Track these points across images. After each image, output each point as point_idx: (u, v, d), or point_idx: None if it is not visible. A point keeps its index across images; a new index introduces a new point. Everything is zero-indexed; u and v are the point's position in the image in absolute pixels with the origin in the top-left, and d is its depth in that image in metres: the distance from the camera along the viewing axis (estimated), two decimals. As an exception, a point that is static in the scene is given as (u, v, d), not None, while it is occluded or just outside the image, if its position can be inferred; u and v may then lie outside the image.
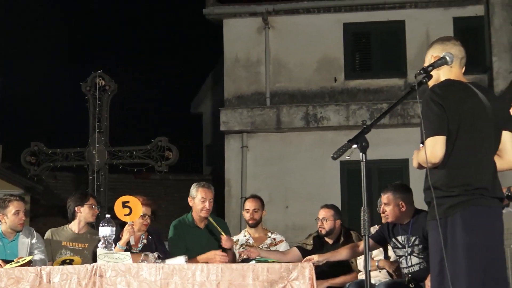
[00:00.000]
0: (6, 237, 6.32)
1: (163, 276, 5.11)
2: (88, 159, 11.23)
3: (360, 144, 3.86)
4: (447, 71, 4.09)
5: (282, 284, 5.08)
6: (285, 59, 15.08)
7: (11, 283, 5.15)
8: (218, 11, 15.36)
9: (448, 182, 3.86)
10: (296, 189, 14.09)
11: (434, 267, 3.90)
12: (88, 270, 5.16)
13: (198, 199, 6.47)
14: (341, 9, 15.03)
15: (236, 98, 15.09)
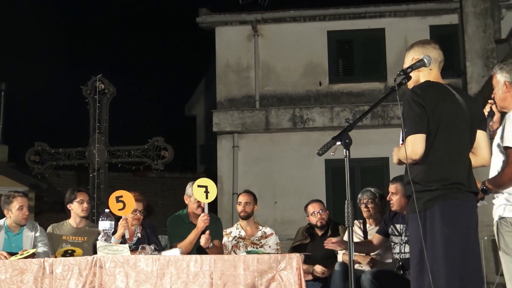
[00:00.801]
0: (11, 231, 6.29)
1: (159, 267, 5.08)
2: (89, 158, 11.21)
3: (343, 141, 3.85)
4: (426, 73, 4.08)
5: (271, 274, 5.05)
6: (273, 64, 15.11)
7: (16, 274, 5.12)
8: (210, 20, 15.38)
9: (427, 177, 3.86)
10: (284, 186, 14.12)
11: (414, 257, 3.89)
12: (88, 261, 5.12)
13: (194, 198, 6.42)
14: (325, 18, 15.10)
15: (228, 101, 15.10)
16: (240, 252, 6.46)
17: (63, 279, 5.09)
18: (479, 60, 14.04)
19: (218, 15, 15.41)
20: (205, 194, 5.89)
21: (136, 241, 6.18)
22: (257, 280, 5.03)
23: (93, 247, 6.11)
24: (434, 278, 3.67)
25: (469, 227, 3.87)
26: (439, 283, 3.70)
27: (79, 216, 6.78)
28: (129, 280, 5.05)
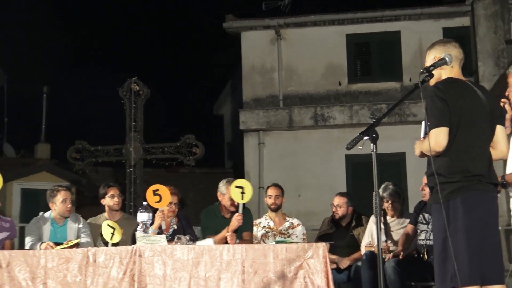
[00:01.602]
0: (56, 223, 6.31)
1: (194, 256, 5.09)
2: (126, 155, 11.26)
3: (371, 136, 3.79)
4: (448, 71, 4.02)
5: (299, 262, 5.04)
6: (296, 66, 15.06)
7: (62, 263, 5.15)
8: (236, 25, 15.36)
9: (449, 169, 3.81)
10: (307, 180, 14.08)
11: (438, 245, 3.85)
12: (128, 251, 5.14)
13: (228, 196, 6.38)
14: (344, 22, 15.01)
15: (253, 101, 15.09)
16: (269, 241, 6.44)
17: (105, 267, 5.11)
18: (490, 60, 13.87)
19: (243, 20, 15.39)
20: (241, 195, 5.86)
21: (172, 231, 6.18)
22: (285, 267, 5.01)
23: (132, 237, 6.12)
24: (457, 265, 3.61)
25: (489, 217, 3.82)
26: (462, 270, 3.65)
27: (112, 210, 6.79)
28: (167, 268, 5.07)
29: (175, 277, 5.04)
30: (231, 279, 5.01)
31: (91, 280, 5.09)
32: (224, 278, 5.02)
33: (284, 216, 6.87)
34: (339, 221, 6.89)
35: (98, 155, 11.54)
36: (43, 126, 18.85)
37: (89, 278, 5.10)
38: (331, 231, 6.84)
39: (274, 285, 4.99)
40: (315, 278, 4.98)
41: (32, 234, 6.14)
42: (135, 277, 5.04)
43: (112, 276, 5.07)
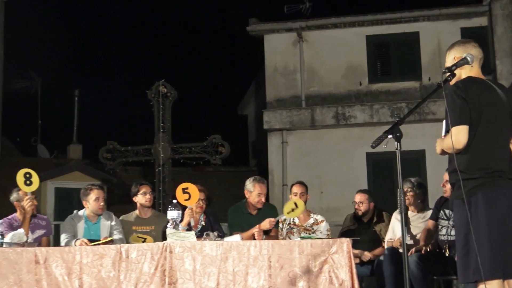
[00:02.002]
0: (90, 221, 6.34)
1: (222, 251, 5.10)
2: (155, 155, 11.35)
3: (395, 134, 3.77)
4: (468, 70, 3.99)
5: (324, 257, 5.03)
6: (317, 67, 15.03)
7: (96, 259, 5.19)
8: (259, 28, 15.37)
9: (470, 166, 3.78)
10: (329, 177, 14.04)
11: (460, 240, 3.82)
12: (159, 247, 5.17)
13: (255, 193, 6.41)
14: (364, 24, 14.94)
15: (276, 101, 15.09)
16: (294, 237, 6.44)
17: (137, 263, 5.14)
18: (508, 59, 13.75)
19: (266, 24, 15.40)
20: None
21: (200, 228, 6.21)
22: (311, 262, 5.01)
23: (162, 234, 6.15)
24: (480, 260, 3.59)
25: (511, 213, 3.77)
26: (485, 263, 3.62)
27: (144, 207, 6.80)
28: (196, 263, 5.08)
29: (204, 272, 5.06)
30: (258, 273, 5.02)
31: (124, 275, 5.12)
32: (252, 273, 5.03)
33: (309, 213, 6.86)
34: (361, 217, 6.88)
35: (128, 155, 11.64)
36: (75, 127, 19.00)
37: (122, 274, 5.13)
38: (354, 227, 6.84)
39: (299, 280, 4.99)
40: (339, 273, 4.98)
41: (67, 231, 6.20)
42: (166, 272, 5.06)
43: (144, 271, 5.10)
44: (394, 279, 5.76)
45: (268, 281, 4.99)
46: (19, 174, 5.79)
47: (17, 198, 6.28)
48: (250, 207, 6.47)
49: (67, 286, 5.13)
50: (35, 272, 5.15)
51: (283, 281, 4.99)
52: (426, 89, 14.49)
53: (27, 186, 5.82)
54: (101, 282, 5.12)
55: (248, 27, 15.37)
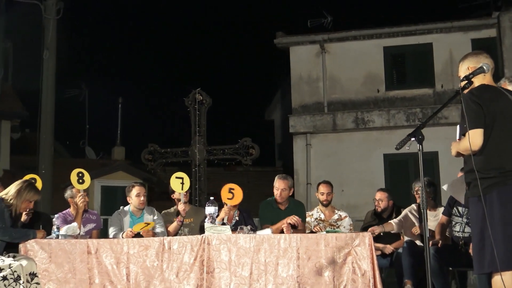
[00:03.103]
0: (134, 215, 6.36)
1: (255, 244, 5.11)
2: (191, 156, 11.40)
3: (417, 137, 3.75)
4: (481, 78, 3.96)
5: (348, 249, 5.03)
6: (338, 76, 15.00)
7: (142, 250, 5.23)
8: (285, 41, 15.40)
9: (486, 166, 3.75)
10: (349, 176, 13.99)
11: (476, 235, 3.79)
12: (198, 239, 5.20)
13: (275, 188, 6.43)
14: (381, 36, 14.89)
15: (301, 107, 15.09)
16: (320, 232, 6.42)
17: (178, 254, 5.18)
18: (515, 68, 13.60)
19: (292, 37, 15.42)
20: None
21: (235, 223, 6.21)
22: (336, 254, 5.01)
23: (200, 228, 6.19)
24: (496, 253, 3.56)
25: None
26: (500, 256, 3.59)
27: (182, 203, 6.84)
28: (231, 254, 5.11)
29: (238, 262, 5.08)
30: (287, 264, 5.03)
31: (166, 265, 5.17)
32: (282, 263, 5.04)
33: (333, 209, 6.85)
34: (381, 213, 6.84)
35: (167, 156, 11.71)
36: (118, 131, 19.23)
37: (165, 263, 5.17)
38: (374, 223, 6.77)
39: (325, 270, 4.99)
40: (362, 264, 4.97)
41: (115, 225, 6.26)
42: (204, 262, 5.09)
43: (184, 261, 5.13)
44: (412, 270, 5.72)
45: (296, 271, 5.00)
46: (73, 174, 5.87)
47: (70, 195, 6.35)
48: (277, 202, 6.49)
49: (116, 274, 5.18)
50: (87, 261, 5.21)
51: (310, 271, 4.99)
52: (439, 95, 14.37)
53: (79, 184, 5.91)
54: (146, 270, 5.17)
55: (275, 40, 15.42)
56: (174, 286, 5.09)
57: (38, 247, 5.20)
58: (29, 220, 5.78)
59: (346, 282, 4.95)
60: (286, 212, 6.38)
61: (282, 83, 19.36)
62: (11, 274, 4.87)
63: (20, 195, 5.28)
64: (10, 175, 13.81)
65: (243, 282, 5.03)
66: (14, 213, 5.28)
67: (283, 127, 18.24)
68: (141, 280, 5.14)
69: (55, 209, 8.01)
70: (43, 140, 11.42)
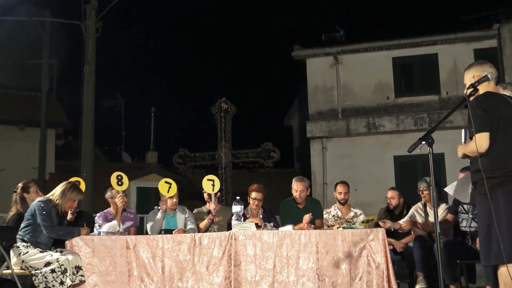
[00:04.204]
0: (168, 214, 6.41)
1: (278, 239, 5.12)
2: (218, 159, 11.43)
3: (427, 140, 3.73)
4: (485, 86, 3.92)
5: (363, 244, 5.02)
6: (351, 84, 14.93)
7: (175, 245, 5.25)
8: (302, 53, 15.37)
9: (491, 167, 3.72)
10: (362, 177, 13.88)
11: (482, 230, 3.75)
12: (226, 235, 5.21)
13: (293, 190, 6.42)
14: (390, 47, 14.79)
15: (317, 113, 15.04)
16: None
17: (208, 248, 5.20)
18: (516, 76, 13.44)
19: (308, 49, 15.38)
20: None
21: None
22: (352, 248, 5.00)
23: (227, 225, 6.20)
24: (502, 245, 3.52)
25: None
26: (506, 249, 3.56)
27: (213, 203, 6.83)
28: (257, 249, 5.12)
29: (263, 256, 5.09)
30: (307, 257, 5.03)
31: (197, 259, 5.19)
32: (302, 257, 5.04)
33: (349, 207, 6.81)
34: (393, 210, 6.78)
35: (196, 159, 11.76)
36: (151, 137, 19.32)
37: (196, 257, 5.19)
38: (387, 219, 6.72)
39: (342, 263, 4.98)
40: (376, 257, 4.95)
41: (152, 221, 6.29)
42: (232, 256, 5.11)
43: (214, 255, 5.15)
44: (422, 263, 5.68)
45: (316, 263, 5.00)
46: (113, 177, 5.91)
47: (110, 195, 6.40)
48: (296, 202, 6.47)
49: (152, 267, 5.22)
50: (126, 256, 5.24)
51: (329, 264, 4.98)
52: (444, 101, 14.23)
53: (119, 186, 5.95)
54: (179, 264, 5.20)
55: (293, 52, 15.40)
56: (205, 278, 5.11)
57: (82, 243, 5.26)
58: (73, 218, 5.84)
59: (362, 274, 4.94)
60: (304, 210, 6.38)
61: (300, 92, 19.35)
62: (59, 267, 4.93)
63: (64, 195, 5.33)
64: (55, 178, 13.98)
65: (267, 274, 5.04)
66: (60, 212, 5.33)
67: (301, 132, 18.20)
68: (175, 272, 5.17)
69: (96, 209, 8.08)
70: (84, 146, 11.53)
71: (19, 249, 5.11)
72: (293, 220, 6.15)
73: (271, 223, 5.62)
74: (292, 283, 4.98)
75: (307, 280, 4.97)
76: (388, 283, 4.87)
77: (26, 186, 5.93)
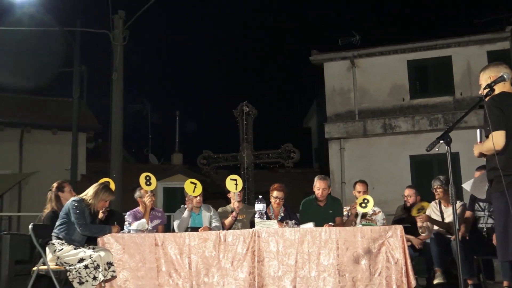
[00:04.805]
0: (194, 212, 6.40)
1: (299, 236, 5.09)
2: (240, 160, 11.43)
3: (445, 140, 3.68)
4: (501, 86, 3.85)
5: (382, 240, 4.97)
6: (367, 87, 14.84)
7: (201, 242, 5.25)
8: (319, 58, 15.33)
9: (508, 164, 3.65)
10: (379, 176, 13.78)
11: (499, 226, 3.68)
12: (250, 232, 5.19)
13: (316, 188, 6.37)
14: (405, 51, 14.68)
15: (335, 115, 14.98)
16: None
17: (233, 245, 5.18)
18: (528, 76, 13.20)
19: (325, 54, 15.35)
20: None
21: (281, 218, 6.20)
22: (371, 244, 4.95)
23: (250, 223, 6.19)
24: None
25: None
26: None
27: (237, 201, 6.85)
28: (279, 245, 5.09)
29: (285, 252, 5.06)
30: (328, 254, 4.99)
31: (223, 255, 5.18)
32: (323, 253, 5.00)
33: (368, 205, 6.74)
34: (409, 208, 6.70)
35: (219, 160, 11.78)
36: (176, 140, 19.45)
37: (221, 253, 5.18)
38: (404, 216, 6.66)
39: (362, 258, 4.93)
40: (394, 253, 4.90)
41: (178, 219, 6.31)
42: (255, 253, 5.08)
43: (238, 252, 5.14)
44: (439, 259, 5.60)
45: (336, 259, 4.96)
46: (142, 177, 5.93)
47: (139, 195, 6.43)
48: (317, 200, 6.44)
49: (179, 263, 5.22)
50: (155, 252, 5.25)
51: (349, 260, 4.94)
52: (459, 102, 14.05)
53: (147, 186, 5.97)
54: (205, 260, 5.19)
55: (311, 57, 15.39)
56: (230, 273, 5.10)
57: (113, 240, 5.29)
58: (105, 217, 5.89)
59: (381, 269, 4.89)
60: (325, 208, 6.35)
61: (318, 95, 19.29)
62: (92, 263, 4.98)
63: (97, 195, 5.37)
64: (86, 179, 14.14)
65: (289, 270, 5.01)
66: (93, 211, 5.38)
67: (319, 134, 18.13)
68: (201, 268, 5.17)
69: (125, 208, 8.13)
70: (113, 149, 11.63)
71: (55, 246, 5.17)
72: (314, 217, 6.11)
73: (292, 220, 5.59)
74: (314, 279, 4.95)
75: (328, 275, 4.93)
76: (406, 278, 4.81)
77: (61, 186, 5.99)
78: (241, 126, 11.49)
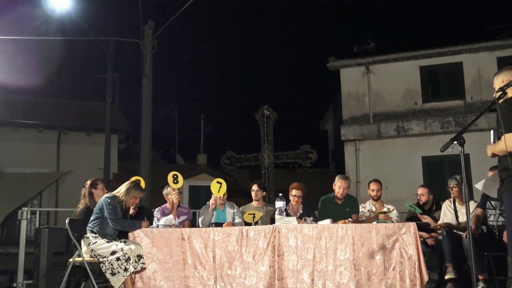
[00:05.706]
0: (218, 209, 6.42)
1: (317, 232, 5.06)
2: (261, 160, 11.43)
3: (459, 140, 3.61)
4: None
5: (395, 237, 4.90)
6: (381, 92, 14.71)
7: (225, 236, 5.25)
8: (336, 64, 15.25)
9: None
10: (392, 176, 13.64)
11: (510, 225, 3.59)
12: (270, 228, 5.18)
13: (337, 186, 6.33)
14: (417, 57, 14.51)
15: (350, 119, 14.88)
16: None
17: (254, 240, 5.17)
18: (537, 81, 12.92)
19: (341, 60, 15.27)
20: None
21: (300, 214, 6.18)
22: (385, 241, 4.89)
23: (271, 220, 6.17)
24: None
25: None
26: None
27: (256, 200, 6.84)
28: (298, 240, 5.07)
29: (304, 247, 5.03)
30: (344, 249, 4.94)
31: (245, 249, 5.17)
32: (339, 248, 4.96)
33: (383, 203, 6.68)
34: (422, 206, 6.62)
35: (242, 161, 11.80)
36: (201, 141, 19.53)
37: (243, 248, 5.18)
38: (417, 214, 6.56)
39: (377, 254, 4.87)
40: (408, 249, 4.83)
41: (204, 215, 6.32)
42: (275, 247, 5.07)
43: (259, 246, 5.13)
44: (451, 255, 5.51)
45: (352, 254, 4.91)
46: (169, 176, 5.95)
47: (167, 192, 6.46)
48: (336, 198, 6.40)
49: (204, 256, 5.23)
50: (182, 246, 5.27)
51: (364, 255, 4.89)
52: (469, 106, 13.83)
53: (174, 184, 5.98)
54: (228, 254, 5.19)
55: (328, 63, 15.32)
56: (251, 266, 5.09)
57: (143, 235, 5.32)
58: (135, 213, 5.93)
59: (395, 264, 4.82)
60: (343, 205, 6.31)
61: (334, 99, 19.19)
62: (123, 255, 5.02)
63: (129, 193, 5.41)
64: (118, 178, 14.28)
65: (307, 264, 4.98)
66: (124, 207, 5.42)
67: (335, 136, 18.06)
68: (225, 261, 5.18)
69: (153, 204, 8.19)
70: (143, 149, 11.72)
71: (89, 239, 5.23)
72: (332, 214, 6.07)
73: (310, 217, 5.56)
74: (331, 272, 4.92)
75: (344, 269, 4.89)
76: (419, 273, 4.74)
77: (94, 183, 6.06)
78: (262, 129, 11.50)
